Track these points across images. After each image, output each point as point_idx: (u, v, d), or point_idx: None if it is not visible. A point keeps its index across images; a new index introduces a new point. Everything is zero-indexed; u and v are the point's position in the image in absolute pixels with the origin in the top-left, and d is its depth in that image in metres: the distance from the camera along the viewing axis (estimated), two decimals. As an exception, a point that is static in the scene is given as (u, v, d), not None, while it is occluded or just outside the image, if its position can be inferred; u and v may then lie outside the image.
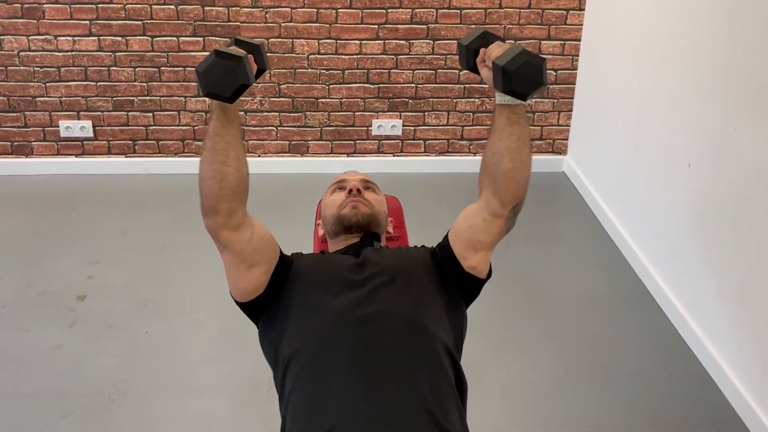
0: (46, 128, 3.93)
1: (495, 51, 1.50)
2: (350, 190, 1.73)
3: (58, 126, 3.92)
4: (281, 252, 1.59)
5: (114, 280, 3.13)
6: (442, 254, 1.61)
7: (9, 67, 3.79)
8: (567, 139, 4.20)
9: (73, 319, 2.87)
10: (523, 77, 1.42)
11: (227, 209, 1.48)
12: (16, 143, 3.96)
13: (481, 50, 1.57)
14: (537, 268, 3.31)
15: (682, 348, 2.79)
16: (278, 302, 1.54)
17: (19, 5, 3.66)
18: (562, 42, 3.96)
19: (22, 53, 3.76)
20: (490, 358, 2.73)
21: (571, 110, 4.12)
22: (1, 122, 3.91)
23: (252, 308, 1.57)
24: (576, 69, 4.02)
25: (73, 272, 3.17)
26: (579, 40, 3.96)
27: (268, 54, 3.76)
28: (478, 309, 2.93)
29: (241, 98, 1.52)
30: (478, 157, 4.08)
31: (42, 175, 4.01)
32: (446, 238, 1.64)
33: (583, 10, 3.89)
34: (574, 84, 4.06)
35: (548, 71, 4.01)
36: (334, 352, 1.41)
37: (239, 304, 1.57)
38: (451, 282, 1.60)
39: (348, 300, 1.47)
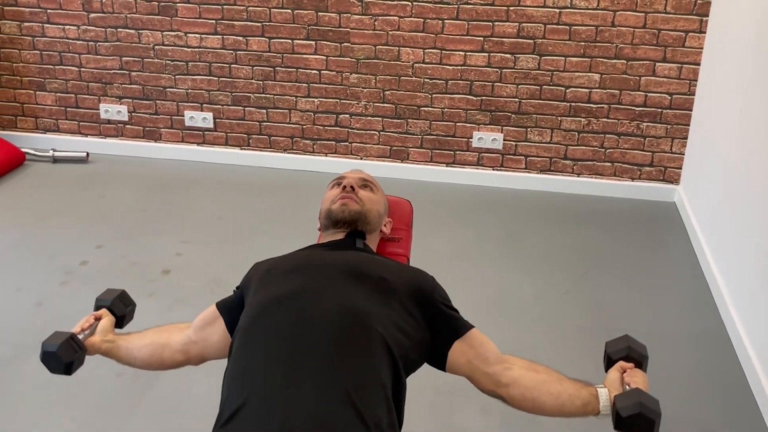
0: (173, 117, 4.28)
1: (641, 381, 1.54)
2: (344, 187, 1.78)
3: (183, 116, 4.27)
4: (219, 304, 1.73)
5: (197, 259, 3.37)
6: (446, 321, 1.65)
7: (145, 59, 4.17)
8: (681, 168, 3.97)
9: (152, 291, 3.12)
10: (638, 425, 1.44)
11: (171, 364, 1.74)
12: (148, 128, 4.35)
13: (627, 366, 1.61)
14: (614, 298, 3.17)
15: (746, 399, 2.58)
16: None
17: (156, 3, 4.03)
18: (680, 65, 3.76)
19: (156, 47, 4.13)
20: (531, 380, 2.66)
21: (686, 138, 3.90)
22: (136, 108, 4.30)
23: None
24: (693, 95, 3.81)
25: (164, 248, 3.45)
26: (698, 65, 3.74)
27: (374, 60, 3.93)
28: (531, 329, 2.90)
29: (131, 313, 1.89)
30: (582, 178, 4.01)
31: (166, 160, 4.37)
32: (470, 328, 1.67)
33: (704, 32, 3.68)
34: (691, 110, 3.84)
35: (663, 95, 3.83)
36: (268, 326, 1.48)
37: None
38: (432, 336, 1.63)
39: (297, 282, 1.54)
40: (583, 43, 3.78)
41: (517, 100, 3.93)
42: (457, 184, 4.10)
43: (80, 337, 1.74)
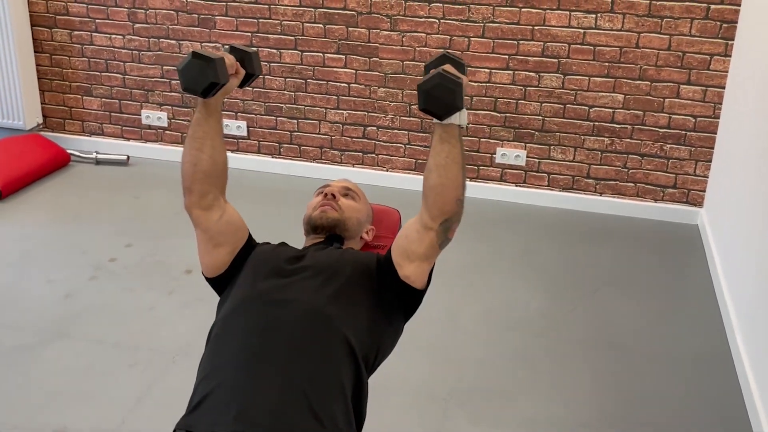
0: (209, 124, 4.46)
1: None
2: (325, 195, 1.89)
3: (219, 123, 4.44)
4: (249, 239, 1.79)
5: (219, 261, 3.51)
6: (385, 261, 1.71)
7: (185, 68, 4.36)
8: (704, 191, 3.96)
9: (173, 288, 3.28)
10: (436, 98, 1.50)
11: (199, 191, 1.72)
12: (186, 135, 4.51)
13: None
14: (622, 317, 3.19)
15: (741, 422, 2.57)
16: (234, 281, 1.75)
17: (196, 15, 4.22)
18: (704, 88, 3.76)
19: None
20: (525, 390, 2.71)
21: (710, 160, 3.89)
22: (176, 115, 4.50)
23: (215, 284, 1.80)
24: (718, 118, 3.80)
25: (190, 249, 3.52)
26: (723, 88, 3.74)
27: (402, 75, 4.03)
28: (533, 342, 2.95)
29: (250, 88, 1.73)
30: (604, 198, 4.04)
31: (202, 165, 4.54)
32: (390, 246, 1.73)
33: (730, 56, 3.67)
34: (715, 133, 3.83)
35: (687, 117, 3.83)
36: (239, 325, 1.59)
37: (205, 278, 1.81)
38: (389, 289, 1.69)
39: (270, 284, 1.65)
40: (607, 64, 3.81)
41: (540, 117, 3.98)
42: (479, 198, 4.16)
43: None
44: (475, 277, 3.45)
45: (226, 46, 1.81)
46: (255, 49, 1.79)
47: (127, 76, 4.46)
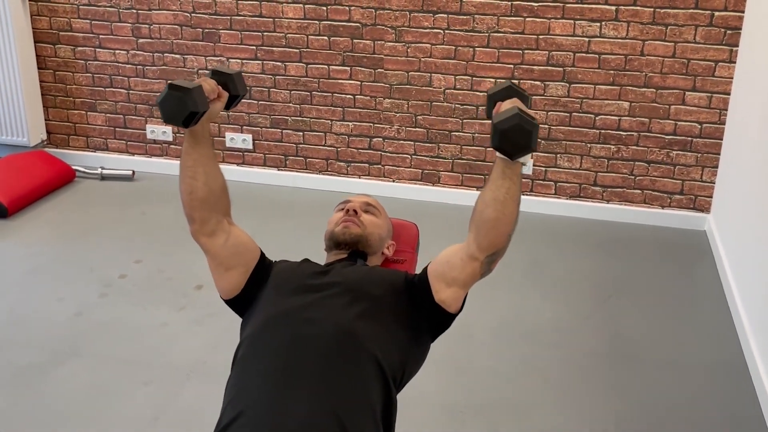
0: (214, 138, 4.46)
1: (502, 107, 1.58)
2: (347, 210, 1.89)
3: (224, 137, 4.44)
4: (262, 258, 1.79)
5: (229, 275, 3.50)
6: (419, 282, 1.71)
7: (189, 83, 4.36)
8: (711, 197, 3.96)
9: (184, 304, 3.27)
10: (512, 139, 1.49)
11: (200, 218, 1.72)
12: (191, 149, 4.53)
13: (497, 104, 1.64)
14: (634, 325, 3.19)
15: (757, 428, 2.57)
16: (255, 301, 1.75)
17: (200, 29, 4.23)
18: (709, 94, 3.77)
19: (200, 71, 4.32)
20: (540, 402, 2.71)
21: (716, 166, 3.90)
22: (180, 130, 4.49)
23: (234, 305, 1.79)
24: (724, 124, 3.81)
25: (199, 265, 3.52)
26: (728, 94, 3.75)
27: (407, 86, 4.03)
28: (545, 354, 2.94)
29: (235, 112, 1.72)
30: (611, 205, 4.04)
31: (207, 179, 4.53)
32: (426, 267, 1.73)
33: (734, 63, 3.69)
34: (721, 139, 3.84)
35: (693, 124, 3.84)
36: (266, 344, 1.59)
37: (224, 301, 1.81)
38: (420, 309, 1.69)
39: (296, 302, 1.64)
40: (612, 72, 3.82)
41: (546, 126, 3.99)
42: (486, 208, 4.17)
43: None
44: (485, 288, 3.39)
45: (227, 62, 1.80)
46: (238, 69, 1.79)
47: (131, 91, 4.46)
